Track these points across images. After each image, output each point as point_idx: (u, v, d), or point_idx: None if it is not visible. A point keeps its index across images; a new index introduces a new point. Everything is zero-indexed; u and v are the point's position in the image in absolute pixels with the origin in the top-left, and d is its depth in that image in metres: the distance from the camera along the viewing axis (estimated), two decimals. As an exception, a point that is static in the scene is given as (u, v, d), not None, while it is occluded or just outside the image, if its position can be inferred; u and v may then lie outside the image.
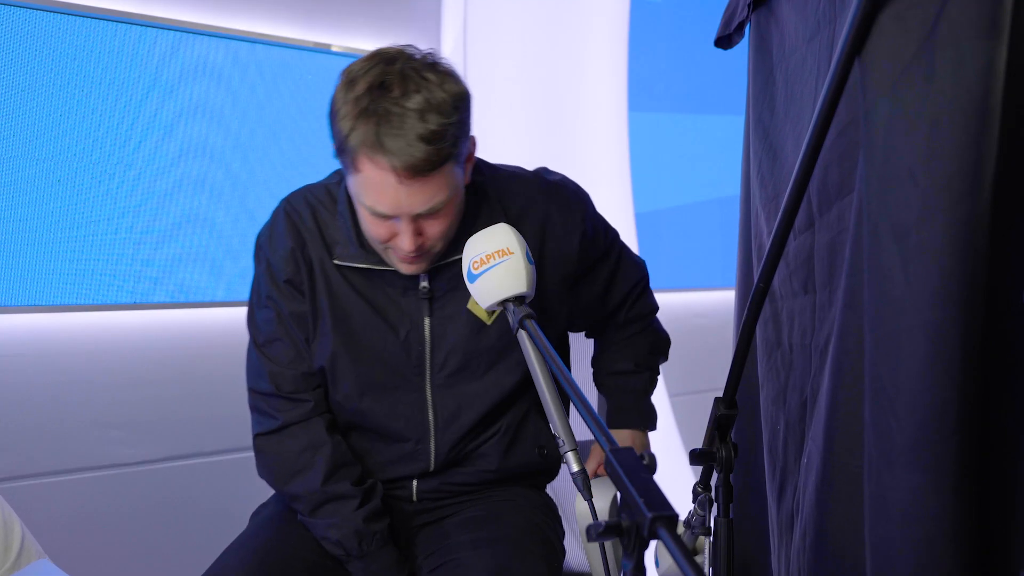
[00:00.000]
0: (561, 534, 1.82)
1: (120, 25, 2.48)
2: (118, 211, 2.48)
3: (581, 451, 1.40)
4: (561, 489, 2.02)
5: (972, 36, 1.16)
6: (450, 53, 3.14)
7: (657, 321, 1.98)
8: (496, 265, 1.46)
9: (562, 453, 1.38)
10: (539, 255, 1.69)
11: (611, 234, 1.85)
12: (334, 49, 2.88)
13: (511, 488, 1.79)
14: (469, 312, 1.68)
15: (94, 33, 2.44)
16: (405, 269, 1.61)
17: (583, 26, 3.34)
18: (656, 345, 1.96)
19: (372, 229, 1.57)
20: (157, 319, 2.55)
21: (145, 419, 2.52)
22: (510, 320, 1.43)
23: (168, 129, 2.57)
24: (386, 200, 1.50)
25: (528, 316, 1.40)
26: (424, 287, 1.66)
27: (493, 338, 1.70)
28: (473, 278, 1.48)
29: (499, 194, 1.71)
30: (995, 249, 1.18)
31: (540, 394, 1.42)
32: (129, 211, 2.50)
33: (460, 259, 1.57)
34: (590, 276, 1.82)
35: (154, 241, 2.54)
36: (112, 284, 2.47)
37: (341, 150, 1.52)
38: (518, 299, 1.45)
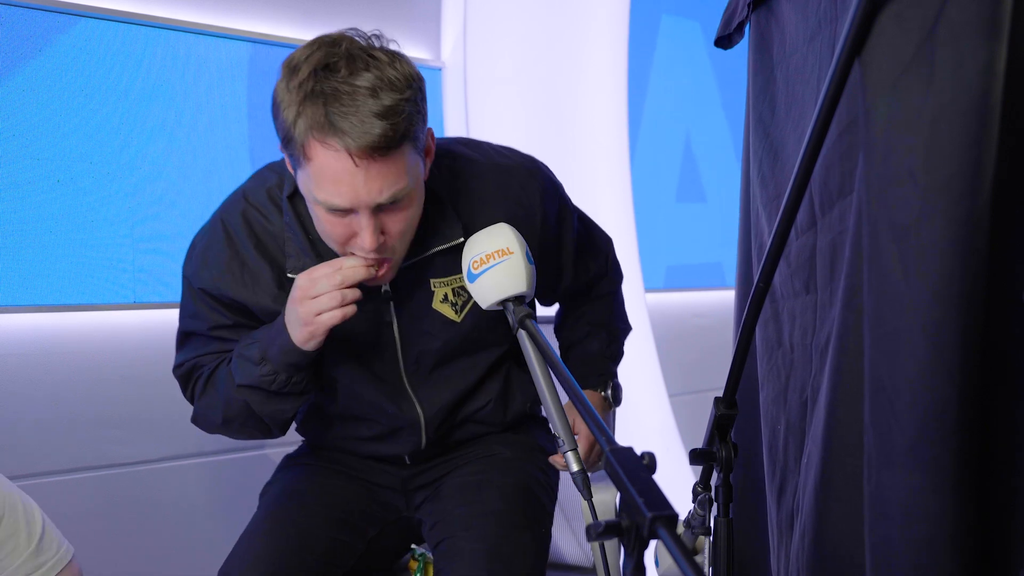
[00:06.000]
0: (554, 479, 1.84)
1: (121, 25, 2.47)
2: (118, 211, 2.48)
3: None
4: (562, 489, 2.02)
5: (972, 36, 1.16)
6: (450, 53, 3.14)
7: (620, 294, 1.95)
8: (496, 265, 1.46)
9: (562, 453, 1.38)
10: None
11: (574, 212, 1.80)
12: (334, 49, 2.87)
13: (501, 435, 1.82)
14: (436, 311, 1.65)
15: (94, 33, 2.43)
16: (370, 281, 1.51)
17: (583, 26, 3.33)
18: (615, 312, 1.92)
19: (329, 229, 1.46)
20: (157, 319, 2.54)
21: (145, 419, 2.51)
22: (510, 320, 1.43)
23: (169, 128, 2.56)
24: (343, 190, 1.39)
25: (528, 316, 1.40)
26: (386, 291, 1.61)
27: (467, 330, 1.67)
28: (473, 278, 1.48)
29: (452, 196, 1.61)
30: (995, 249, 1.18)
31: (540, 394, 1.43)
32: (130, 211, 2.49)
33: (418, 261, 1.56)
34: (557, 253, 1.75)
35: (155, 240, 2.54)
36: (112, 284, 2.47)
37: (288, 140, 1.40)
38: (518, 299, 1.45)
